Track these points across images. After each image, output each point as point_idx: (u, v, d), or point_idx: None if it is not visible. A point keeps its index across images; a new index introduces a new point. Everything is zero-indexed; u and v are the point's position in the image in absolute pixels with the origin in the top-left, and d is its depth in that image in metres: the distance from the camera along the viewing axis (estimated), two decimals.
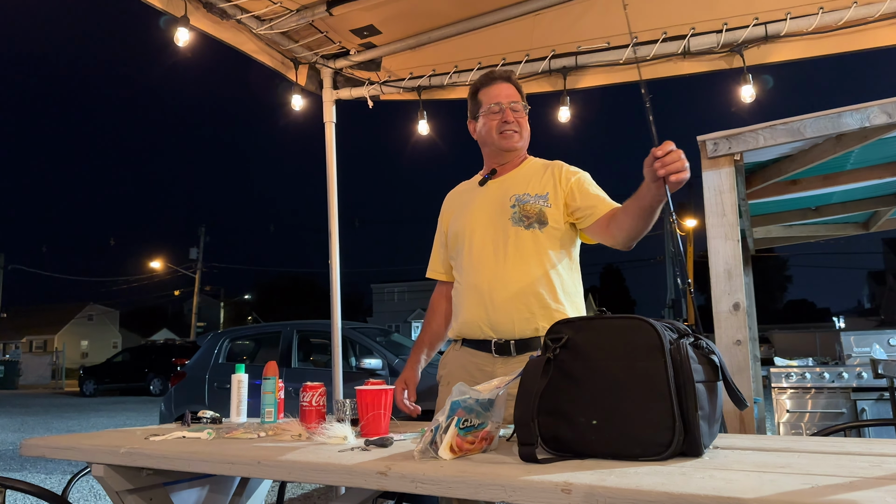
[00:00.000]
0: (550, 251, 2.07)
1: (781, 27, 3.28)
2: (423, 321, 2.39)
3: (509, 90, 2.19)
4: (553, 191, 2.10)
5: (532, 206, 2.07)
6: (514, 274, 2.03)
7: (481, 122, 2.21)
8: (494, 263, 2.06)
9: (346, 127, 4.21)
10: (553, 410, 1.39)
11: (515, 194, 2.11)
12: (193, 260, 34.61)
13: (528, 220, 2.06)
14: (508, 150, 2.17)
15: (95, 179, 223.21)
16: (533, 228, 2.06)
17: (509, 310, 2.01)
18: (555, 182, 2.11)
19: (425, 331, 2.35)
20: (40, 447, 1.81)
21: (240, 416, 2.20)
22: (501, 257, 2.06)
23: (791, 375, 4.26)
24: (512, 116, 2.16)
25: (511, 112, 2.16)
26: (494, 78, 2.21)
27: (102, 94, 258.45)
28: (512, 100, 2.17)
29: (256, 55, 3.64)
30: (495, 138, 2.17)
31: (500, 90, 2.19)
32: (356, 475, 1.32)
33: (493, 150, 2.20)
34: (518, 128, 2.17)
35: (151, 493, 1.84)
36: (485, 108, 2.19)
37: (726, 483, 1.07)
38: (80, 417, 13.10)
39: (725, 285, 2.44)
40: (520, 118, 2.18)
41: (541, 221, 2.06)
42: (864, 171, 3.37)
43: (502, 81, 2.20)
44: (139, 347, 23.30)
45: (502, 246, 2.06)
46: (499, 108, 2.16)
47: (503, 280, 2.03)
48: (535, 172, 2.16)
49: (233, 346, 7.31)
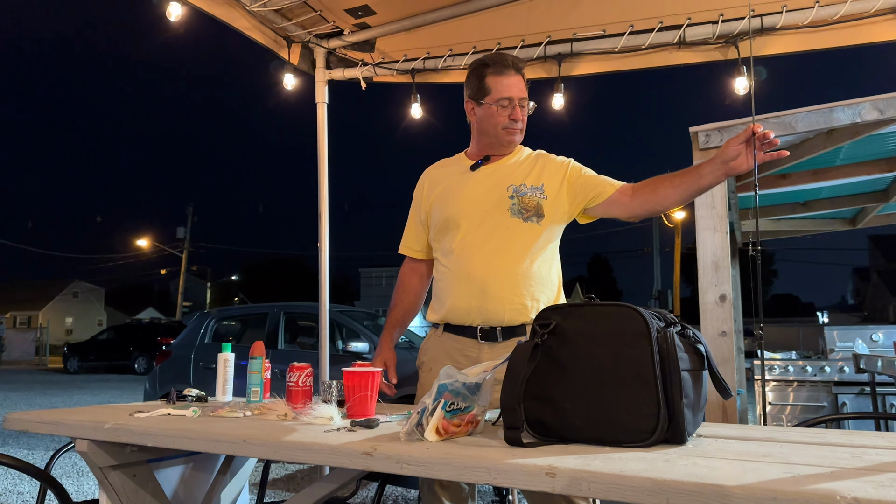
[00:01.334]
0: (545, 244, 2.07)
1: (777, 20, 3.28)
2: (394, 299, 2.31)
3: (521, 84, 2.13)
4: (549, 182, 2.09)
5: (530, 199, 2.06)
6: (510, 265, 2.03)
7: (485, 111, 2.13)
8: (490, 253, 2.05)
9: (337, 109, 4.18)
10: (539, 395, 1.39)
11: (512, 185, 2.09)
12: (181, 239, 34.36)
13: (526, 213, 2.05)
14: (510, 145, 2.16)
15: (83, 155, 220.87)
16: (531, 221, 2.05)
17: (502, 299, 2.01)
18: (551, 174, 2.11)
19: (396, 308, 2.29)
20: (24, 421, 1.80)
21: (225, 395, 2.20)
22: (497, 248, 2.05)
23: (774, 368, 4.31)
24: (520, 115, 2.11)
25: (520, 110, 2.11)
26: (508, 66, 2.12)
27: (92, 69, 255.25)
28: (522, 96, 2.12)
29: (249, 32, 3.59)
30: (500, 133, 2.12)
31: (512, 83, 2.11)
32: (342, 455, 1.33)
33: (492, 141, 2.15)
34: (523, 126, 2.15)
35: (135, 470, 1.84)
36: (493, 97, 2.11)
37: (709, 470, 1.08)
38: (64, 394, 13.05)
39: (712, 277, 2.45)
40: (524, 115, 2.15)
41: (539, 214, 2.06)
42: (853, 166, 3.39)
43: (516, 73, 2.12)
44: (124, 326, 23.19)
45: (499, 236, 2.05)
46: (509, 104, 2.10)
47: (498, 271, 2.03)
48: (527, 162, 2.15)
49: (219, 326, 7.28)
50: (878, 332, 4.48)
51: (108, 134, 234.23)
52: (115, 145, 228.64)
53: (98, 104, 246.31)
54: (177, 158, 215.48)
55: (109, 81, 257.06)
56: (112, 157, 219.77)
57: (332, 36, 3.96)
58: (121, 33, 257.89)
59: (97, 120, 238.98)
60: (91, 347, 21.43)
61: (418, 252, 2.30)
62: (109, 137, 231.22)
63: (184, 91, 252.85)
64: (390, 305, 2.33)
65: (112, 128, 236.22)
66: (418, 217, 2.29)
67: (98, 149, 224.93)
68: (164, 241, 35.83)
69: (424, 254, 2.29)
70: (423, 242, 2.28)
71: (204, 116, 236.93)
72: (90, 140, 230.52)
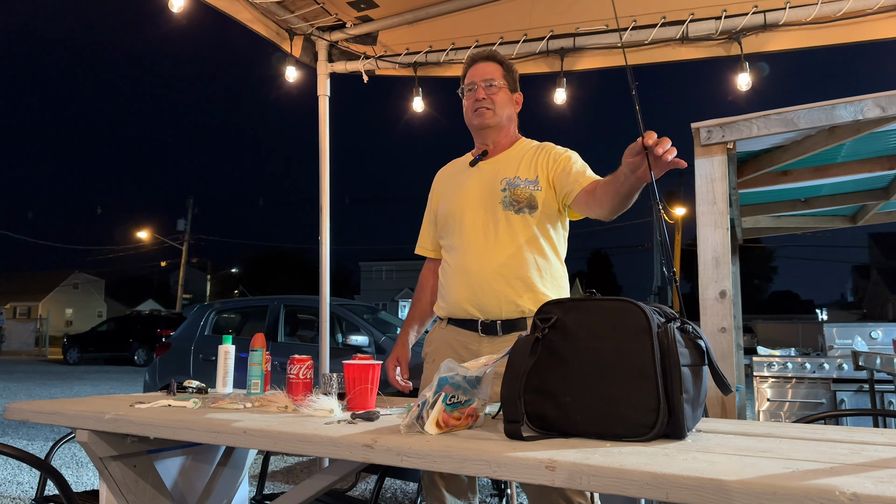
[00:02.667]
0: (539, 236, 2.08)
1: (780, 16, 3.28)
2: (413, 298, 2.39)
3: (487, 68, 2.18)
4: (543, 174, 2.10)
5: (522, 191, 2.07)
6: (502, 257, 2.04)
7: (463, 104, 2.24)
8: (484, 246, 2.07)
9: (339, 102, 4.18)
10: (540, 389, 1.40)
11: (506, 177, 2.11)
12: (181, 231, 34.32)
13: (518, 205, 2.06)
14: (481, 127, 2.18)
15: (84, 147, 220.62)
16: (523, 213, 2.06)
17: (496, 292, 2.02)
18: (545, 165, 2.11)
19: (415, 307, 2.36)
20: (25, 411, 1.81)
21: (226, 387, 2.20)
22: (491, 240, 2.06)
23: (773, 365, 4.31)
24: (484, 94, 2.15)
25: (483, 90, 2.15)
26: (475, 59, 2.22)
27: (92, 61, 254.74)
28: (486, 77, 2.16)
29: (251, 24, 3.59)
30: (470, 117, 2.19)
31: (476, 69, 2.19)
32: (342, 447, 1.33)
33: (472, 129, 2.23)
34: (491, 104, 2.15)
35: (135, 460, 1.85)
36: (464, 88, 2.22)
37: (709, 465, 1.08)
38: (63, 385, 13.07)
39: (713, 273, 2.45)
40: (493, 94, 2.16)
41: (531, 206, 2.07)
42: (854, 164, 3.38)
43: (482, 61, 2.20)
44: (124, 317, 23.18)
45: (493, 229, 2.07)
46: (472, 87, 2.17)
47: (491, 263, 2.04)
48: (526, 154, 2.16)
49: (219, 318, 7.28)
50: (877, 330, 4.49)
51: (109, 125, 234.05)
52: (115, 137, 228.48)
53: (99, 96, 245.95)
54: (178, 150, 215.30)
55: (110, 73, 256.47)
56: (113, 149, 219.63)
57: (335, 28, 3.95)
58: (122, 25, 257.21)
59: (98, 111, 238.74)
60: (91, 339, 21.43)
61: (432, 251, 2.35)
62: (110, 129, 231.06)
63: (185, 83, 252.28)
64: (410, 305, 2.39)
65: (113, 119, 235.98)
66: (431, 218, 2.34)
67: (99, 140, 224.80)
68: (164, 233, 35.79)
69: (437, 253, 2.32)
70: (436, 242, 2.32)
71: (205, 108, 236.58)
72: (91, 131, 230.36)
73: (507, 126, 2.21)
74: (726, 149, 2.38)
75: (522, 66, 3.79)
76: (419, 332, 2.35)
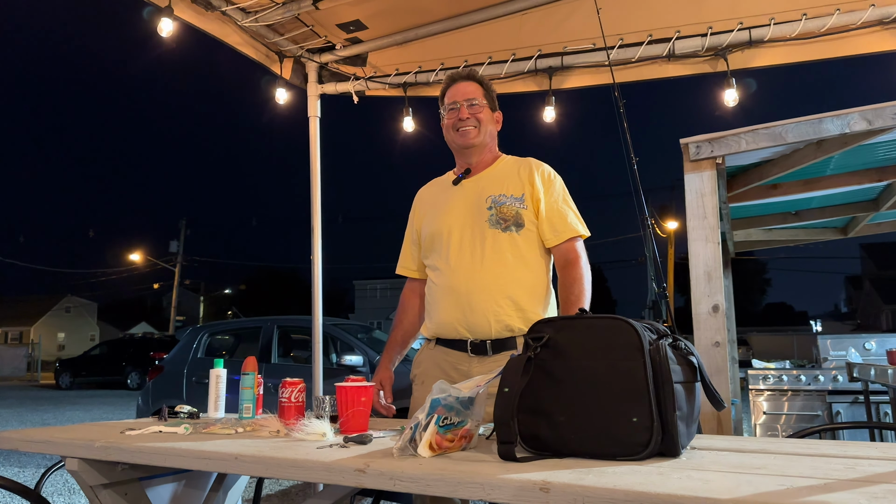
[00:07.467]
0: (527, 254, 2.08)
1: (765, 32, 3.31)
2: (395, 319, 2.36)
3: (468, 87, 2.20)
4: (528, 192, 2.11)
5: (509, 209, 2.08)
6: (490, 277, 2.04)
7: (443, 124, 2.25)
8: (471, 266, 2.06)
9: (330, 122, 4.19)
10: (533, 409, 1.39)
11: (491, 195, 2.11)
12: (174, 253, 34.16)
13: (504, 223, 2.07)
14: (465, 146, 2.19)
15: (75, 169, 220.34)
16: (510, 231, 2.06)
17: (486, 312, 2.02)
18: (529, 183, 2.12)
19: (397, 329, 2.32)
20: (14, 440, 1.79)
21: (217, 412, 2.19)
22: (479, 260, 2.06)
23: (768, 378, 4.31)
24: (467, 112, 2.16)
25: (466, 108, 2.16)
26: (455, 79, 2.24)
27: (84, 83, 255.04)
28: (468, 97, 2.18)
29: (241, 47, 3.60)
30: (453, 135, 2.20)
31: (457, 89, 2.21)
32: (334, 472, 1.32)
33: (454, 147, 2.23)
34: (476, 123, 2.17)
35: (126, 488, 1.82)
36: (444, 108, 2.23)
37: (703, 483, 1.07)
38: (56, 410, 12.93)
39: (705, 287, 2.45)
40: (477, 113, 2.17)
41: (517, 224, 2.07)
42: (843, 176, 3.41)
43: (462, 81, 2.22)
44: (117, 341, 23.04)
45: (479, 248, 2.07)
46: (455, 106, 2.18)
47: (480, 283, 2.04)
48: (509, 171, 2.17)
49: (212, 340, 7.25)
50: (870, 341, 4.49)
51: (100, 148, 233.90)
52: (107, 159, 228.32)
53: (90, 118, 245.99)
54: (170, 172, 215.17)
55: (101, 96, 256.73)
56: (104, 171, 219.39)
57: (324, 50, 3.97)
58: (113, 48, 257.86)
59: (89, 134, 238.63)
60: (83, 363, 21.27)
61: (414, 271, 2.34)
62: (101, 151, 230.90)
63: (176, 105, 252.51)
64: (392, 326, 2.35)
65: (104, 142, 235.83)
66: (413, 237, 2.33)
67: (90, 163, 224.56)
68: (156, 255, 35.60)
69: (420, 273, 2.31)
70: (419, 261, 2.31)
71: (197, 130, 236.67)
72: (82, 154, 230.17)
73: (490, 144, 2.23)
74: (715, 164, 2.40)
75: (511, 85, 3.82)
76: (402, 355, 2.32)
